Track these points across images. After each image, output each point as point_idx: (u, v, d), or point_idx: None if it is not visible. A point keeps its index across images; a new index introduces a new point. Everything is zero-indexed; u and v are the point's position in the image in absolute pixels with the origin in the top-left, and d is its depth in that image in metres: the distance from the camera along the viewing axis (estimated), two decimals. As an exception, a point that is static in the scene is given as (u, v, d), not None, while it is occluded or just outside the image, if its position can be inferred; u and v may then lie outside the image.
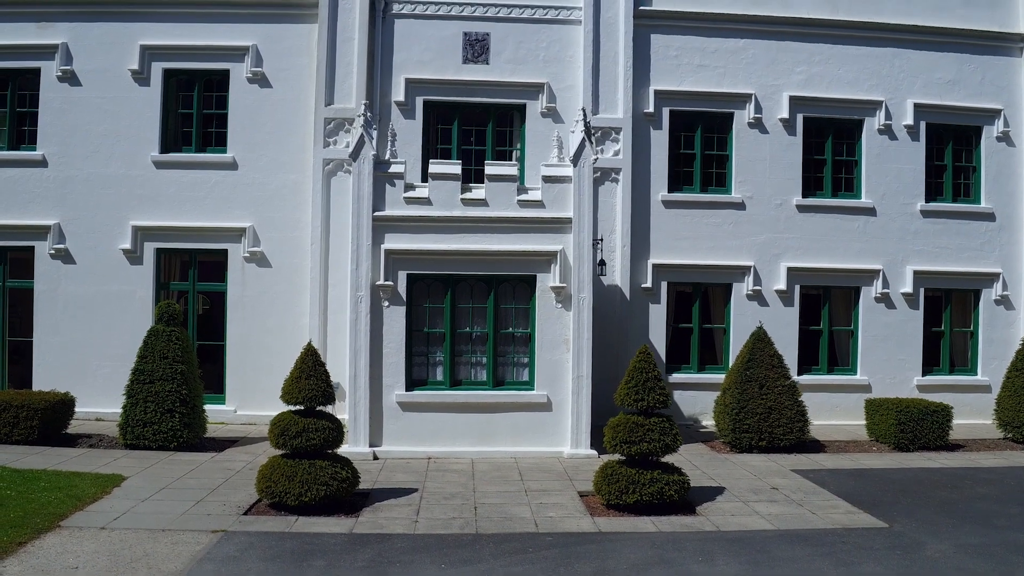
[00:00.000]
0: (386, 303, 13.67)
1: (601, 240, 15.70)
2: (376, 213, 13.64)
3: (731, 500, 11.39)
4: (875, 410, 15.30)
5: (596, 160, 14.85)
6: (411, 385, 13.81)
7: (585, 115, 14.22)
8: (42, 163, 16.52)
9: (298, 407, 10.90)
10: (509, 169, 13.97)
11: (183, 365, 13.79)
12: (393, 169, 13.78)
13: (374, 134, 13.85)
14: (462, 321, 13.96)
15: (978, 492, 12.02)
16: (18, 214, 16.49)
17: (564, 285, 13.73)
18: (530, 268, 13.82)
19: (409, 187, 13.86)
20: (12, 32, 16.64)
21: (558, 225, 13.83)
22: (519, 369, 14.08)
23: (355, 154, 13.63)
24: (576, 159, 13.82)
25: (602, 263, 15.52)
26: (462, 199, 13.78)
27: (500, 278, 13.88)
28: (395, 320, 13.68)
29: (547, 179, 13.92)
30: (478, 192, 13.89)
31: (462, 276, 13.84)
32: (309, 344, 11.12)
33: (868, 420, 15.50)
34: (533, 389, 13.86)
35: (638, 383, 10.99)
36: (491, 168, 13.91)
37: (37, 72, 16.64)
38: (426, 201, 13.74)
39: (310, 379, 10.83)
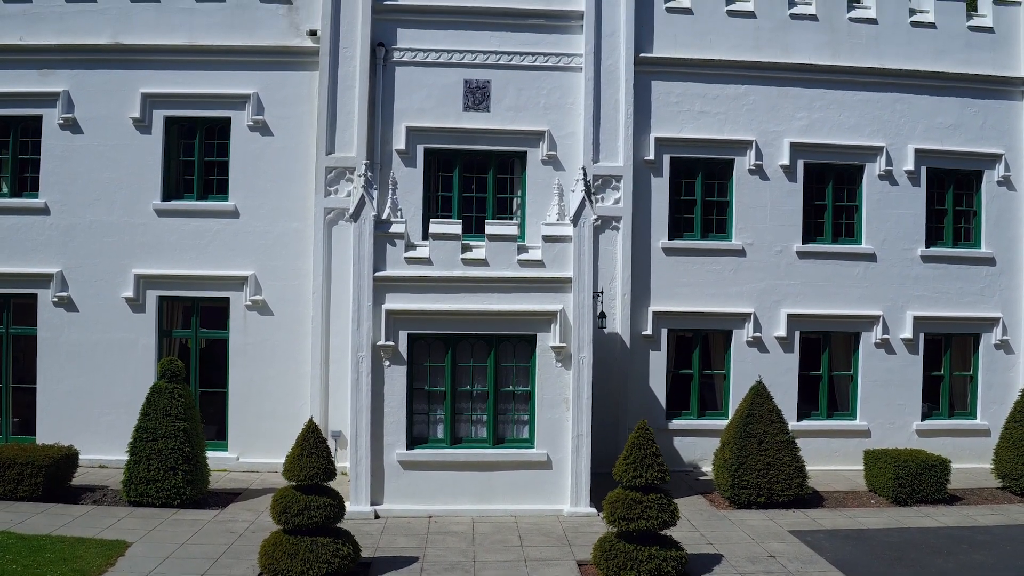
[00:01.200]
0: (387, 363, 13.75)
1: (602, 293, 15.76)
2: (377, 273, 13.70)
3: (728, 572, 11.48)
4: (874, 462, 15.37)
5: (597, 220, 14.82)
6: (412, 443, 13.90)
7: (585, 174, 14.26)
8: (44, 211, 16.59)
9: (300, 483, 11.00)
10: (509, 229, 14.02)
11: (186, 422, 13.90)
12: (394, 229, 13.84)
13: (374, 194, 13.90)
14: (463, 380, 14.04)
15: (975, 560, 12.10)
16: (21, 262, 16.57)
17: (564, 345, 13.80)
18: (530, 327, 13.88)
19: (410, 246, 13.92)
20: (14, 79, 16.68)
21: (558, 285, 13.88)
22: (519, 427, 14.16)
23: (356, 215, 13.68)
24: (576, 219, 13.86)
25: (602, 315, 15.57)
26: (463, 259, 13.84)
27: (500, 337, 13.94)
28: (396, 379, 13.76)
29: (547, 238, 13.97)
30: (478, 251, 13.95)
31: (463, 335, 13.91)
32: (310, 421, 11.22)
33: (867, 472, 15.58)
34: (533, 447, 13.94)
35: (636, 459, 11.07)
36: (491, 228, 13.96)
37: (39, 119, 16.70)
38: (427, 261, 13.80)
39: (311, 456, 10.93)
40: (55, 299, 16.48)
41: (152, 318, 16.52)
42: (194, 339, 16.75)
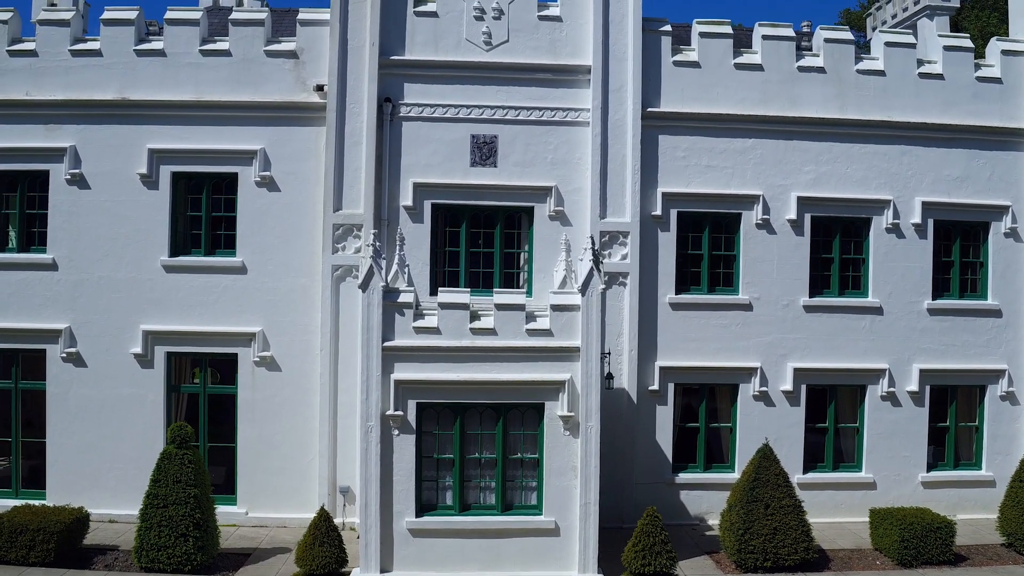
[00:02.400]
0: (396, 431, 13.80)
1: (609, 353, 15.78)
2: (386, 344, 13.74)
3: (737, 655, 11.57)
4: (880, 521, 15.44)
5: (605, 278, 14.76)
6: (421, 510, 13.95)
7: (593, 243, 14.28)
8: (52, 266, 16.62)
9: (312, 571, 11.10)
10: (517, 298, 14.05)
11: (196, 488, 13.97)
12: (402, 299, 13.86)
13: (383, 264, 13.92)
14: (471, 447, 14.09)
15: (980, 637, 12.19)
16: (30, 317, 16.61)
17: (572, 414, 13.85)
18: (538, 396, 13.93)
19: (419, 315, 13.95)
20: (20, 134, 16.69)
21: (566, 354, 13.92)
22: (527, 493, 14.23)
23: (364, 285, 13.70)
24: (584, 288, 13.88)
25: (610, 376, 15.62)
26: (471, 328, 13.87)
27: (508, 405, 13.98)
28: (405, 448, 13.81)
29: (555, 308, 13.99)
30: (487, 320, 13.98)
31: (471, 404, 13.96)
32: (322, 509, 11.32)
33: (872, 531, 15.65)
34: (541, 514, 14.00)
35: (645, 547, 11.18)
36: (499, 297, 13.99)
37: (46, 174, 16.72)
38: (435, 331, 13.83)
39: (323, 546, 11.06)
40: (64, 355, 16.53)
41: (160, 374, 16.58)
42: (203, 394, 16.81)
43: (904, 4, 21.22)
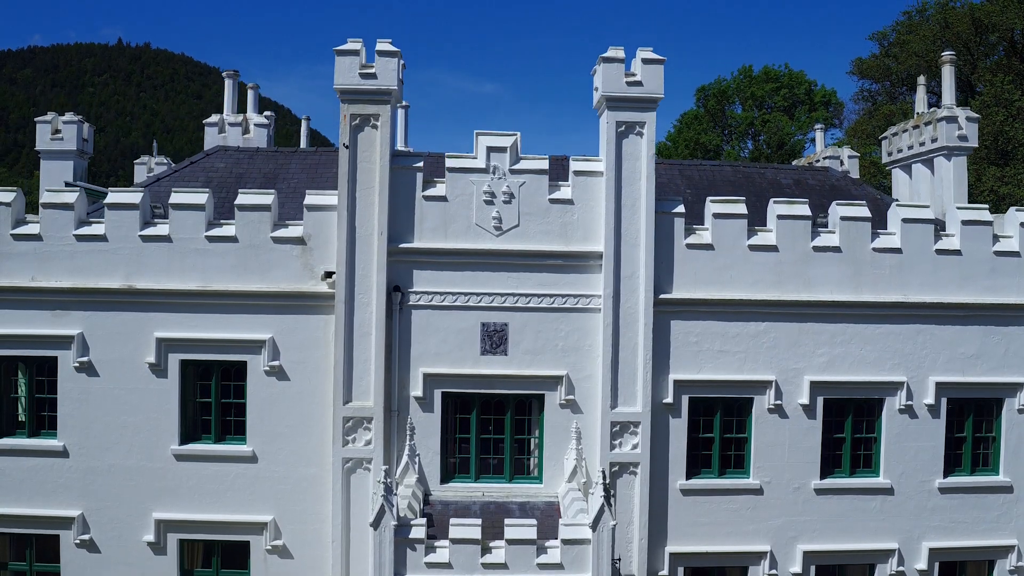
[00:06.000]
0: (410, 665, 13.95)
1: (619, 560, 15.82)
2: (398, 580, 13.82)
3: None
4: None
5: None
6: None
7: (604, 476, 14.27)
8: (63, 453, 16.65)
9: None
10: (528, 532, 14.05)
11: None
12: (413, 535, 13.90)
13: (394, 501, 13.92)
14: (484, 672, 14.25)
15: None
16: (42, 503, 16.69)
17: (583, 644, 13.97)
18: (550, 626, 14.04)
19: (430, 549, 13.99)
20: (27, 319, 16.61)
21: (577, 587, 14.00)
22: None
23: (376, 524, 13.74)
24: (595, 524, 13.90)
25: (619, 579, 15.71)
26: (482, 563, 13.91)
27: (520, 634, 14.12)
28: (418, 678, 13.98)
29: (566, 542, 14.02)
30: (498, 553, 14.00)
31: (483, 633, 14.08)
32: None
33: None
34: None
35: None
36: (511, 531, 14.01)
37: (54, 360, 16.65)
38: (447, 566, 13.88)
39: None
40: (77, 541, 16.62)
41: (173, 560, 16.68)
42: (215, 580, 16.97)
43: (921, 138, 20.77)
